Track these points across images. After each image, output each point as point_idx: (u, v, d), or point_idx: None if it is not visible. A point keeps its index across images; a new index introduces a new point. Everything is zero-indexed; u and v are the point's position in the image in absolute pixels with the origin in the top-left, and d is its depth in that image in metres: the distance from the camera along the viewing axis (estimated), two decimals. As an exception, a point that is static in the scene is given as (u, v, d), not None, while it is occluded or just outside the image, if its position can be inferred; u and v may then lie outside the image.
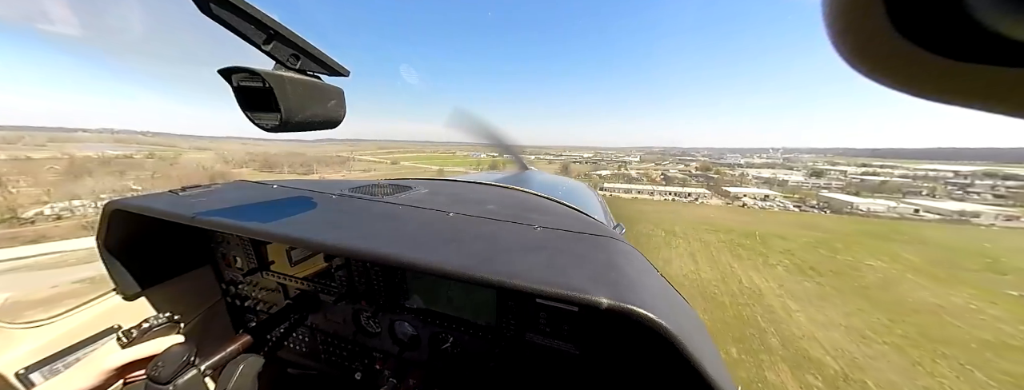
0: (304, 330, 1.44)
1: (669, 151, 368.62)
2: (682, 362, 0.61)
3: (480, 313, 1.08)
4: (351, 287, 1.23)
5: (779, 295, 12.05)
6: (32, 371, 1.07)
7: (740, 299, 11.45)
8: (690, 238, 18.74)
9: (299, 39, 0.69)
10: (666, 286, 0.90)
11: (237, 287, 1.54)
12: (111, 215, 1.17)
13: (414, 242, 0.90)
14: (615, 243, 0.98)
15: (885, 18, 0.21)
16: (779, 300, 11.64)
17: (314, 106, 0.73)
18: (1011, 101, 0.21)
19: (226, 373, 0.88)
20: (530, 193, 1.83)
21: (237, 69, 0.66)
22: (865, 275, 14.79)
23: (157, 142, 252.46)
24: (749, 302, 11.28)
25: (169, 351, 0.82)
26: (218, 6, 0.58)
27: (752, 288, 12.46)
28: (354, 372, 1.29)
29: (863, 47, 0.23)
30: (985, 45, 0.19)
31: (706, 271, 13.95)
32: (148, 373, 0.78)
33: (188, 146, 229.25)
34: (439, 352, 1.17)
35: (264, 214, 1.10)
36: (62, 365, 1.13)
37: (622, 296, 0.66)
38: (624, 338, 0.88)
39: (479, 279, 0.73)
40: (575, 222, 1.17)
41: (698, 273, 13.67)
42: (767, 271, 14.43)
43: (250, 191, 1.40)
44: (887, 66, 0.24)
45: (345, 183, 1.64)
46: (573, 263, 0.80)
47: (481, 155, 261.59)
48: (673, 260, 14.85)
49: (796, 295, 12.15)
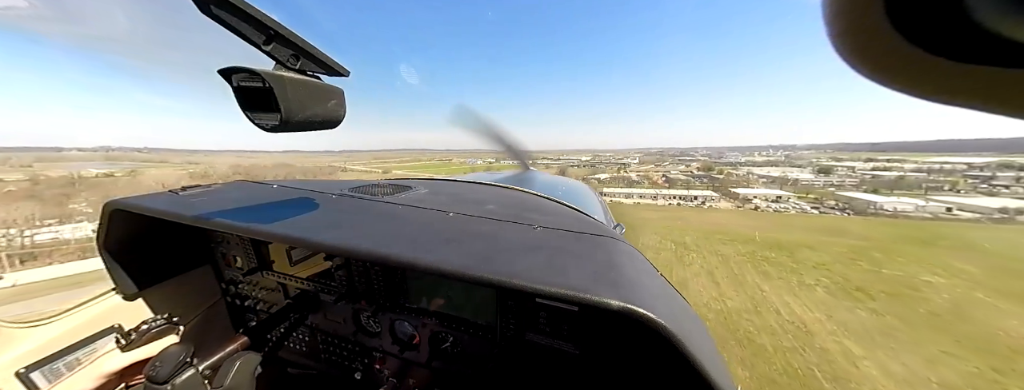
0: (304, 330, 1.45)
1: (667, 152, 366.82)
2: (682, 362, 0.61)
3: (480, 313, 1.08)
4: (351, 287, 1.23)
5: (831, 332, 9.28)
6: (32, 371, 1.07)
7: (784, 340, 8.69)
8: (705, 251, 15.78)
9: (299, 39, 0.69)
10: (666, 286, 0.90)
11: (237, 287, 1.54)
12: (111, 215, 1.18)
13: (414, 242, 0.90)
14: (615, 243, 0.98)
15: (885, 18, 0.21)
16: (834, 341, 8.85)
17: (314, 106, 0.73)
18: (1011, 101, 0.21)
19: (222, 370, 0.88)
20: (530, 193, 1.81)
21: (237, 69, 0.67)
22: (927, 297, 11.94)
23: (149, 158, 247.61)
24: (797, 345, 8.51)
25: (166, 351, 0.82)
26: (218, 7, 0.58)
27: (794, 322, 9.70)
28: (354, 372, 1.30)
29: (863, 47, 0.23)
30: (985, 45, 0.19)
31: (732, 297, 11.19)
32: (146, 373, 0.79)
33: (181, 161, 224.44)
34: (439, 352, 1.17)
35: (264, 214, 1.10)
36: (62, 364, 1.13)
37: (622, 295, 0.66)
38: (624, 338, 0.89)
39: (479, 279, 0.73)
40: (575, 222, 1.17)
41: (723, 300, 10.92)
42: (805, 295, 11.65)
43: (250, 191, 1.39)
44: (887, 66, 0.23)
45: (345, 183, 1.63)
46: (573, 263, 0.80)
47: (477, 161, 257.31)
48: (689, 281, 12.07)
49: (853, 331, 9.37)
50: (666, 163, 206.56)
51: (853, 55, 0.24)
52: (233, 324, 1.65)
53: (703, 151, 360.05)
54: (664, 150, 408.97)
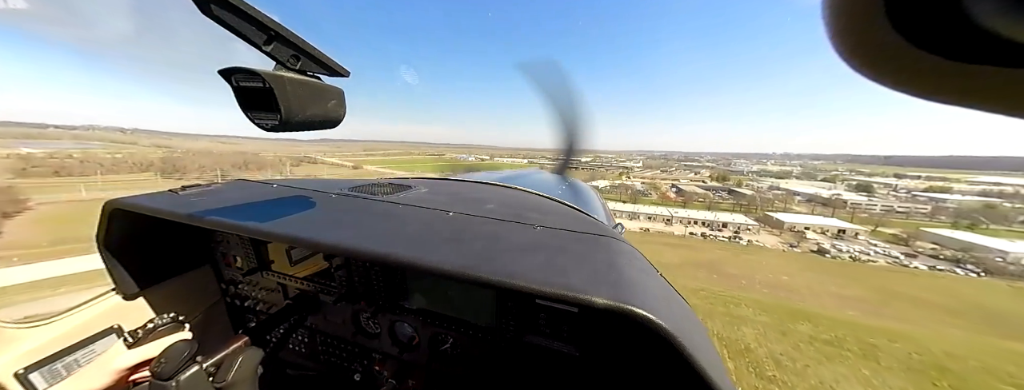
0: (304, 331, 1.44)
1: (671, 156, 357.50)
2: (682, 363, 0.61)
3: (480, 314, 1.08)
4: (351, 287, 1.23)
5: None
6: (31, 371, 1.07)
7: None
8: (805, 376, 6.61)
9: (299, 40, 0.69)
10: (666, 287, 0.89)
11: (237, 287, 1.54)
12: (111, 214, 1.17)
13: (414, 242, 0.90)
14: (615, 243, 0.97)
15: (885, 18, 0.21)
16: None
17: (314, 106, 0.73)
18: (1011, 101, 0.22)
19: (226, 365, 0.89)
20: (530, 192, 1.80)
21: (237, 69, 0.66)
22: None
23: (121, 139, 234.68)
24: None
25: (172, 348, 0.83)
26: (218, 6, 0.58)
27: None
28: (353, 373, 1.30)
29: (863, 47, 0.23)
30: (984, 45, 0.19)
31: None
32: (151, 369, 0.80)
33: (148, 143, 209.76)
34: (438, 353, 1.17)
35: (264, 213, 1.09)
36: (61, 365, 1.12)
37: (622, 297, 0.66)
38: (624, 339, 0.88)
39: (479, 279, 0.73)
40: (575, 222, 1.16)
41: None
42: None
43: (250, 190, 1.39)
44: (887, 66, 0.24)
45: (345, 182, 1.63)
46: (573, 263, 0.80)
47: (470, 157, 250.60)
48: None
49: None
50: (672, 169, 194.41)
51: (853, 55, 0.24)
52: (233, 325, 1.64)
53: (708, 156, 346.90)
54: (667, 154, 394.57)
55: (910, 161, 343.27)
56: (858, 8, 0.22)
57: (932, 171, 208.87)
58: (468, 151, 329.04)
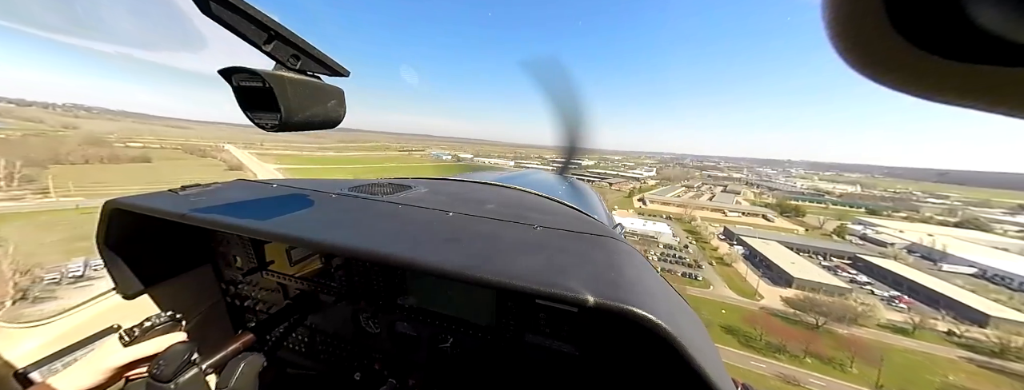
0: (304, 330, 1.44)
1: (683, 160, 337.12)
2: (682, 363, 0.61)
3: (480, 313, 1.08)
4: (351, 287, 1.23)
5: None
6: (31, 371, 1.07)
7: None
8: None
9: (299, 39, 0.69)
10: (666, 287, 0.89)
11: (237, 287, 1.54)
12: (110, 214, 1.17)
13: (414, 242, 0.90)
14: (615, 243, 0.97)
15: (885, 18, 0.21)
16: None
17: (314, 106, 0.73)
18: (1011, 101, 0.22)
19: (227, 371, 0.89)
20: (530, 192, 1.80)
21: (237, 69, 0.66)
22: None
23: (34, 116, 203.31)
24: None
25: (171, 349, 0.83)
26: (219, 6, 0.58)
27: None
28: (353, 372, 1.30)
29: (863, 47, 0.24)
30: (984, 45, 0.19)
31: None
32: (150, 371, 0.79)
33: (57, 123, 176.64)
34: (438, 353, 1.16)
35: (264, 213, 1.09)
36: (61, 364, 1.13)
37: (621, 297, 0.66)
38: (624, 339, 0.88)
39: (479, 279, 0.73)
40: (575, 222, 1.16)
41: None
42: None
43: (250, 190, 1.39)
44: (887, 66, 0.24)
45: (345, 182, 1.64)
46: (573, 263, 0.80)
47: (446, 156, 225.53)
48: None
49: None
50: (695, 180, 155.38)
51: (853, 55, 0.24)
52: (233, 324, 1.65)
53: (720, 161, 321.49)
54: (679, 157, 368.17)
55: (971, 178, 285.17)
56: (858, 9, 0.22)
57: (946, 187, 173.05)
58: (446, 149, 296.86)
